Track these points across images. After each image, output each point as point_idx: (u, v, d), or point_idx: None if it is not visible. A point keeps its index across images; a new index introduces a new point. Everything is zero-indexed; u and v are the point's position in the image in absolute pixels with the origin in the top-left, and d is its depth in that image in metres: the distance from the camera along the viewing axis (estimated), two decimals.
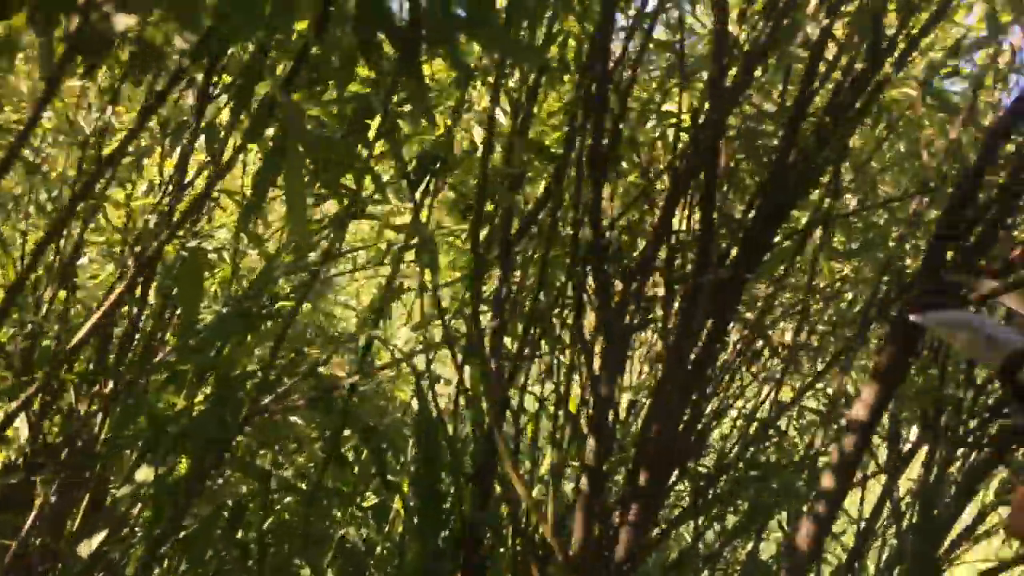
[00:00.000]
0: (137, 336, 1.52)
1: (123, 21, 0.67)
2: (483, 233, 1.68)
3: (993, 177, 1.30)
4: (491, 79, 1.46)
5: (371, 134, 1.33)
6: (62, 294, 1.72)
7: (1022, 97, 1.27)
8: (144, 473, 1.31)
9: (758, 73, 1.41)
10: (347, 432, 1.93)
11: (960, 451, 1.91)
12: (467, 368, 1.86)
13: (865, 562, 2.11)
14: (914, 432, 2.01)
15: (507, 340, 1.85)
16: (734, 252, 1.55)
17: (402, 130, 1.44)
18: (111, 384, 1.30)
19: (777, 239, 1.63)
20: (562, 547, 1.56)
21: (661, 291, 1.57)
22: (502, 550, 2.04)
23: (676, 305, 1.60)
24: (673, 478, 1.82)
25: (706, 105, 1.43)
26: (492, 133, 1.53)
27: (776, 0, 1.28)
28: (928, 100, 1.36)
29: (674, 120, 1.59)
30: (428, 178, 1.62)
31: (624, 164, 1.69)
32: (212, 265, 1.85)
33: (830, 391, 2.02)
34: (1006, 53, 1.59)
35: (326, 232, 1.41)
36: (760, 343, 2.08)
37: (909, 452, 1.96)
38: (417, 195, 1.59)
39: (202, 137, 1.39)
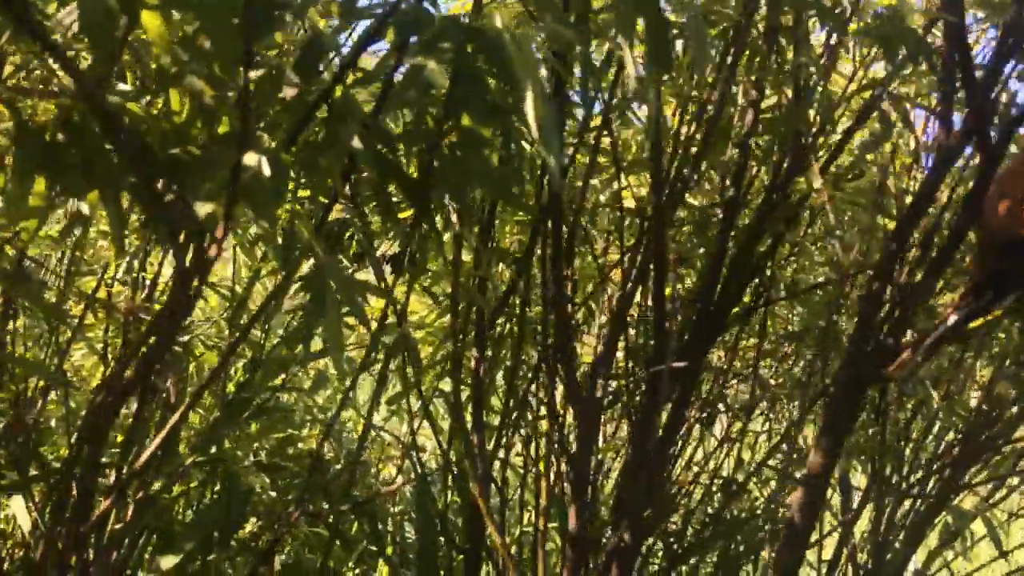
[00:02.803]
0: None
1: (203, 209, 0.79)
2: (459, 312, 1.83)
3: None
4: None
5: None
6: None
7: (927, 182, 1.46)
8: (167, 560, 1.39)
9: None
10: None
11: (906, 501, 2.08)
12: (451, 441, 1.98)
13: None
14: (862, 482, 2.19)
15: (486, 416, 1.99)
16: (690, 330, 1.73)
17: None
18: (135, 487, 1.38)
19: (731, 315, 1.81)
20: None
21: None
22: None
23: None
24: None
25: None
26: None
27: (704, 107, 1.47)
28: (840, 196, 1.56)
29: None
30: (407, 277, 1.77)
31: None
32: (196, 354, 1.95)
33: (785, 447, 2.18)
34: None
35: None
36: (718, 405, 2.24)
37: (860, 503, 2.13)
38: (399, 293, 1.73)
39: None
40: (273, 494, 1.72)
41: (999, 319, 1.43)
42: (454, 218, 1.58)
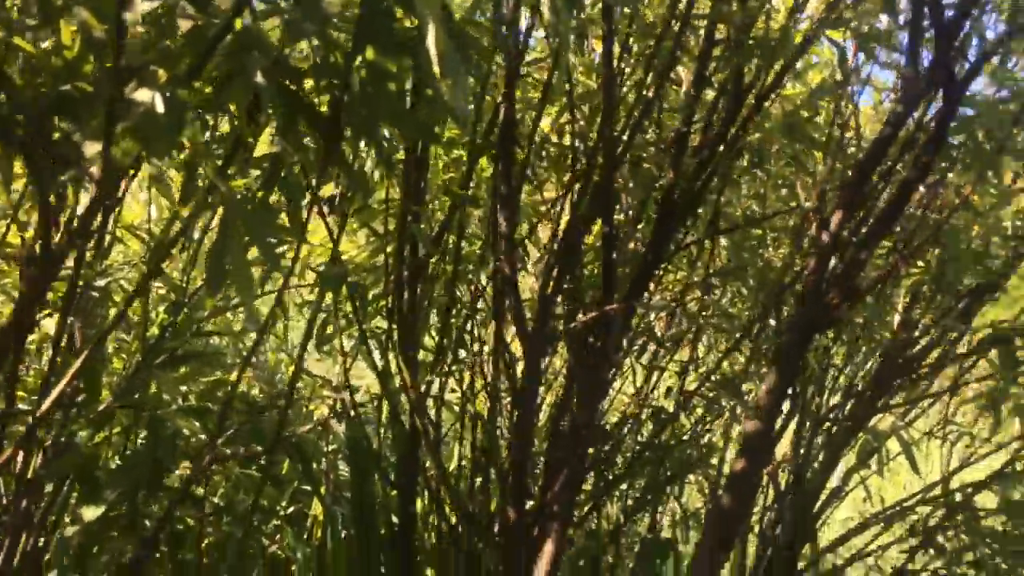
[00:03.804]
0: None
1: (91, 148, 0.75)
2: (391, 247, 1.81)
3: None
4: None
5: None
6: None
7: (890, 122, 1.47)
8: (89, 512, 1.37)
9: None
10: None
11: (824, 424, 2.16)
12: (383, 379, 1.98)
13: (751, 525, 2.35)
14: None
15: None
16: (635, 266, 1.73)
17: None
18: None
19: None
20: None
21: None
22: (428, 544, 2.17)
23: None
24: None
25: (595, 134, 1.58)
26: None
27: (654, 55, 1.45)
28: (790, 134, 1.56)
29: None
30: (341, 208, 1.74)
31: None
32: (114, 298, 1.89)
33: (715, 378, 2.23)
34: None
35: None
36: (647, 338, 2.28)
37: (781, 426, 2.20)
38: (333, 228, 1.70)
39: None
40: (204, 438, 1.69)
41: None
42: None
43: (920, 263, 2.08)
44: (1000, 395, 1.81)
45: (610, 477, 2.24)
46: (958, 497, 2.16)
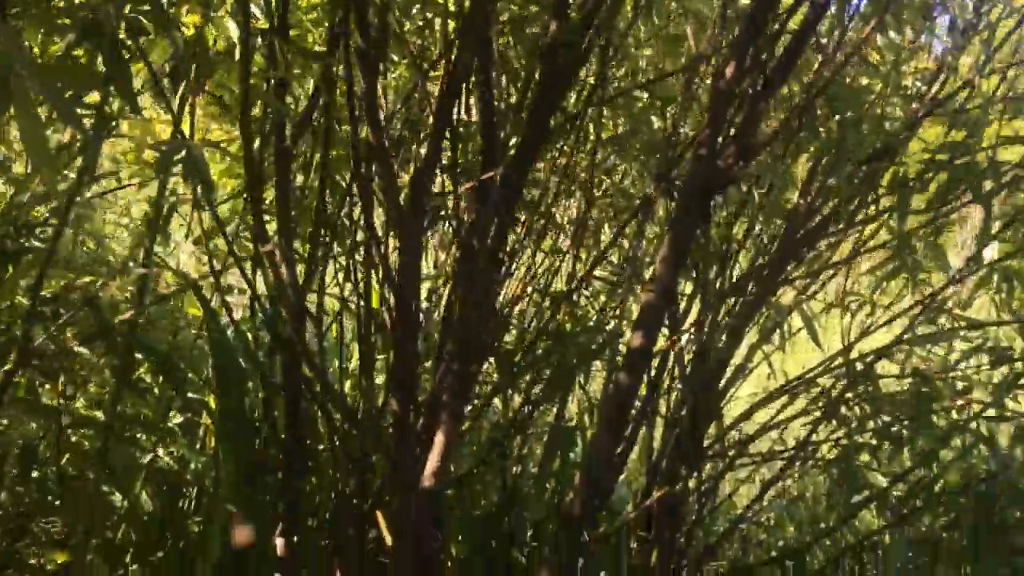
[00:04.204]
0: None
1: None
2: (256, 138, 1.63)
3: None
4: None
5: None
6: None
7: None
8: None
9: None
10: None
11: (727, 300, 2.11)
12: (259, 277, 1.84)
13: (658, 406, 2.32)
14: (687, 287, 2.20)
15: (297, 244, 1.84)
16: (515, 140, 1.60)
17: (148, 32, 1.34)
18: None
19: (553, 123, 1.69)
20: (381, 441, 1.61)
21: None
22: (321, 448, 2.07)
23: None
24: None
25: None
26: (248, 30, 1.46)
27: None
28: None
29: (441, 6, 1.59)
30: (185, 83, 1.53)
31: (395, 57, 1.66)
32: None
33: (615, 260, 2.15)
34: None
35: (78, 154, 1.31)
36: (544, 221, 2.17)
37: (686, 306, 2.15)
38: (175, 103, 1.50)
39: None
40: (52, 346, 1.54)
41: None
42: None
43: (821, 131, 2.00)
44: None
45: (513, 367, 2.16)
46: (859, 367, 2.16)
